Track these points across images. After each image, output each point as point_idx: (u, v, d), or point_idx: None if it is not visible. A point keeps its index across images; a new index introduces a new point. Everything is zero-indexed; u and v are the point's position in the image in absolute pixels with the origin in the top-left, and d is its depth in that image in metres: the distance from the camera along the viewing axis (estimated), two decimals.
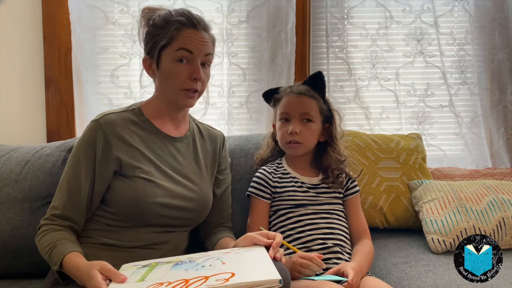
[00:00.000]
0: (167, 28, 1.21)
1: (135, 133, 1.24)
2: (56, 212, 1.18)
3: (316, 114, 1.43)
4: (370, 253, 1.37)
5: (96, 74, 1.97)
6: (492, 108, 2.08)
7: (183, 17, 1.22)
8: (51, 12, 1.91)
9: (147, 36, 1.26)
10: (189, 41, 1.21)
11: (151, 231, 1.22)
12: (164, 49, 1.21)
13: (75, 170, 1.20)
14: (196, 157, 1.34)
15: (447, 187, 1.67)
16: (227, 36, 1.99)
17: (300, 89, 1.45)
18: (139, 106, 1.29)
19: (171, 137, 1.29)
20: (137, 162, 1.21)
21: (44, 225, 1.18)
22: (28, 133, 1.94)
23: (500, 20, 2.04)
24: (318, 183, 1.44)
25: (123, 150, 1.20)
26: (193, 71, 1.22)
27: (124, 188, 1.19)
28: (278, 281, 0.91)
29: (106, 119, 1.22)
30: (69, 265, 1.07)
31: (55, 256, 1.10)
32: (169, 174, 1.25)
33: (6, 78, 1.92)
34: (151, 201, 1.19)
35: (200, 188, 1.30)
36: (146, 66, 1.27)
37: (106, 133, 1.20)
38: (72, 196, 1.18)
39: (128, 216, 1.20)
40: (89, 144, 1.20)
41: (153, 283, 0.94)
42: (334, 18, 2.05)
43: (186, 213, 1.26)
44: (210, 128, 1.44)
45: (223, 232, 1.38)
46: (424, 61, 2.08)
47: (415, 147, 1.81)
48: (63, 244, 1.12)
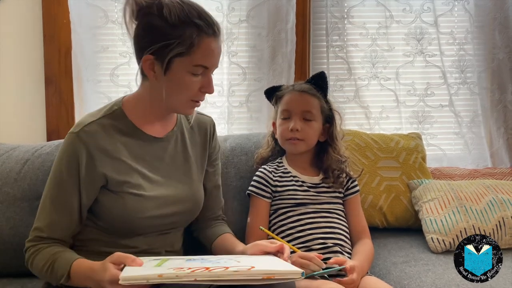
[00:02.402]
0: (183, 31, 1.06)
1: (119, 140, 1.15)
2: (42, 234, 1.11)
3: (317, 113, 1.43)
4: (370, 253, 1.37)
5: (96, 73, 1.96)
6: (492, 107, 2.08)
7: (202, 20, 1.07)
8: (51, 11, 1.91)
9: (153, 31, 1.07)
10: (210, 55, 1.09)
11: (144, 237, 1.19)
12: (179, 57, 1.07)
13: (60, 188, 1.12)
14: (185, 153, 1.26)
15: (446, 187, 1.67)
16: (227, 35, 1.98)
17: (302, 87, 1.45)
18: (121, 106, 1.18)
19: (157, 138, 1.20)
20: (124, 176, 1.13)
21: (31, 247, 1.11)
22: (28, 132, 1.93)
23: (500, 20, 2.03)
24: (319, 182, 1.44)
25: (107, 165, 1.12)
26: (205, 85, 1.12)
27: (112, 204, 1.13)
28: (301, 274, 0.91)
29: (86, 131, 1.11)
30: (82, 269, 1.02)
31: (59, 269, 1.04)
32: (158, 181, 1.19)
33: (6, 77, 1.92)
34: (142, 216, 1.14)
35: (191, 187, 1.25)
36: (146, 66, 1.10)
37: (87, 147, 1.10)
38: (59, 216, 1.11)
39: (118, 229, 1.16)
40: (70, 159, 1.11)
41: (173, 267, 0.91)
42: (334, 18, 2.04)
43: (179, 216, 1.23)
44: (199, 115, 1.34)
45: (219, 226, 1.36)
46: (424, 61, 2.08)
47: (415, 146, 1.80)
48: (64, 254, 1.07)
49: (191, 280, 0.86)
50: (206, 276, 0.87)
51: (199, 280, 0.86)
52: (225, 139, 1.67)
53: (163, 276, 0.87)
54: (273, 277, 0.90)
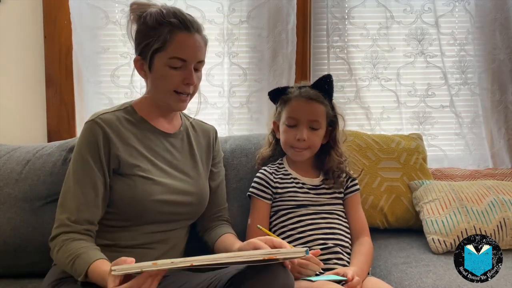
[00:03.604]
0: (159, 30, 1.19)
1: (130, 131, 1.24)
2: (71, 218, 1.13)
3: (323, 120, 1.42)
4: (369, 253, 1.37)
5: (97, 74, 1.96)
6: (493, 108, 2.07)
7: (176, 18, 1.19)
8: (51, 12, 1.91)
9: (138, 35, 1.23)
10: (183, 48, 1.19)
11: (149, 231, 1.22)
12: (157, 53, 1.20)
13: (83, 168, 1.17)
14: (192, 151, 1.34)
15: (447, 188, 1.67)
16: (227, 36, 1.99)
17: (310, 94, 1.42)
18: (131, 105, 1.29)
19: (166, 133, 1.30)
20: (135, 160, 1.21)
21: (62, 234, 1.13)
22: (29, 133, 1.94)
23: (501, 20, 2.03)
24: (319, 184, 1.44)
25: (121, 148, 1.20)
26: (186, 76, 1.21)
27: (123, 188, 1.19)
28: (305, 252, 0.90)
29: (102, 118, 1.21)
30: (95, 275, 1.03)
31: (78, 267, 1.06)
32: (167, 170, 1.26)
33: (7, 77, 1.92)
34: (151, 199, 1.19)
35: (197, 182, 1.31)
36: (137, 67, 1.25)
37: (104, 130, 1.19)
38: (85, 196, 1.15)
39: (128, 215, 1.20)
40: (91, 143, 1.18)
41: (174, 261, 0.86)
42: (334, 18, 2.04)
43: (185, 208, 1.27)
44: (201, 123, 1.44)
45: (222, 227, 1.38)
46: (425, 61, 2.08)
47: (415, 147, 1.80)
48: (85, 253, 1.08)
49: (187, 265, 0.84)
50: (203, 260, 0.84)
51: (196, 265, 0.84)
52: (225, 141, 1.67)
53: (157, 263, 0.85)
54: (274, 257, 0.87)
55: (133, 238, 1.21)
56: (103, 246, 1.18)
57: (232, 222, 1.45)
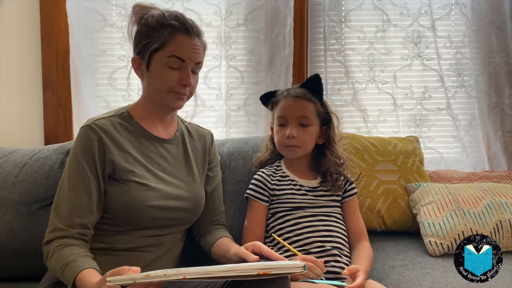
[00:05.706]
0: (160, 31, 1.20)
1: (126, 137, 1.24)
2: (64, 222, 1.13)
3: (313, 117, 1.43)
4: (370, 257, 1.37)
5: (94, 76, 1.96)
6: (489, 111, 2.08)
7: (177, 21, 1.20)
8: (49, 14, 1.91)
9: (138, 35, 1.24)
10: (182, 48, 1.20)
11: (145, 235, 1.22)
12: (156, 52, 1.20)
13: (77, 173, 1.17)
14: (187, 157, 1.34)
15: (444, 190, 1.67)
16: (225, 39, 1.99)
17: (297, 92, 1.44)
18: (128, 110, 1.29)
19: (161, 139, 1.29)
20: (130, 166, 1.21)
21: (56, 239, 1.12)
22: (26, 136, 1.93)
23: (497, 24, 2.04)
24: (317, 186, 1.44)
25: (116, 153, 1.20)
26: (183, 77, 1.22)
27: (118, 193, 1.18)
28: (302, 267, 0.89)
29: (97, 123, 1.21)
30: (82, 284, 1.02)
31: (67, 276, 1.06)
32: (161, 176, 1.25)
33: (4, 80, 1.92)
34: (146, 204, 1.19)
35: (192, 187, 1.31)
36: (135, 66, 1.26)
37: (99, 136, 1.19)
38: (78, 199, 1.15)
39: (123, 220, 1.19)
40: (85, 148, 1.18)
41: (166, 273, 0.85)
42: (331, 21, 2.05)
43: (180, 213, 1.27)
44: (198, 127, 1.44)
45: (219, 231, 1.37)
46: (421, 64, 2.09)
47: (412, 150, 1.81)
48: (74, 261, 1.07)
49: (179, 278, 0.83)
50: (195, 273, 0.83)
51: (189, 278, 0.83)
52: (222, 143, 1.67)
53: (150, 275, 0.85)
54: (269, 272, 0.85)
55: (129, 241, 1.20)
56: (99, 249, 1.18)
57: (229, 225, 1.45)
